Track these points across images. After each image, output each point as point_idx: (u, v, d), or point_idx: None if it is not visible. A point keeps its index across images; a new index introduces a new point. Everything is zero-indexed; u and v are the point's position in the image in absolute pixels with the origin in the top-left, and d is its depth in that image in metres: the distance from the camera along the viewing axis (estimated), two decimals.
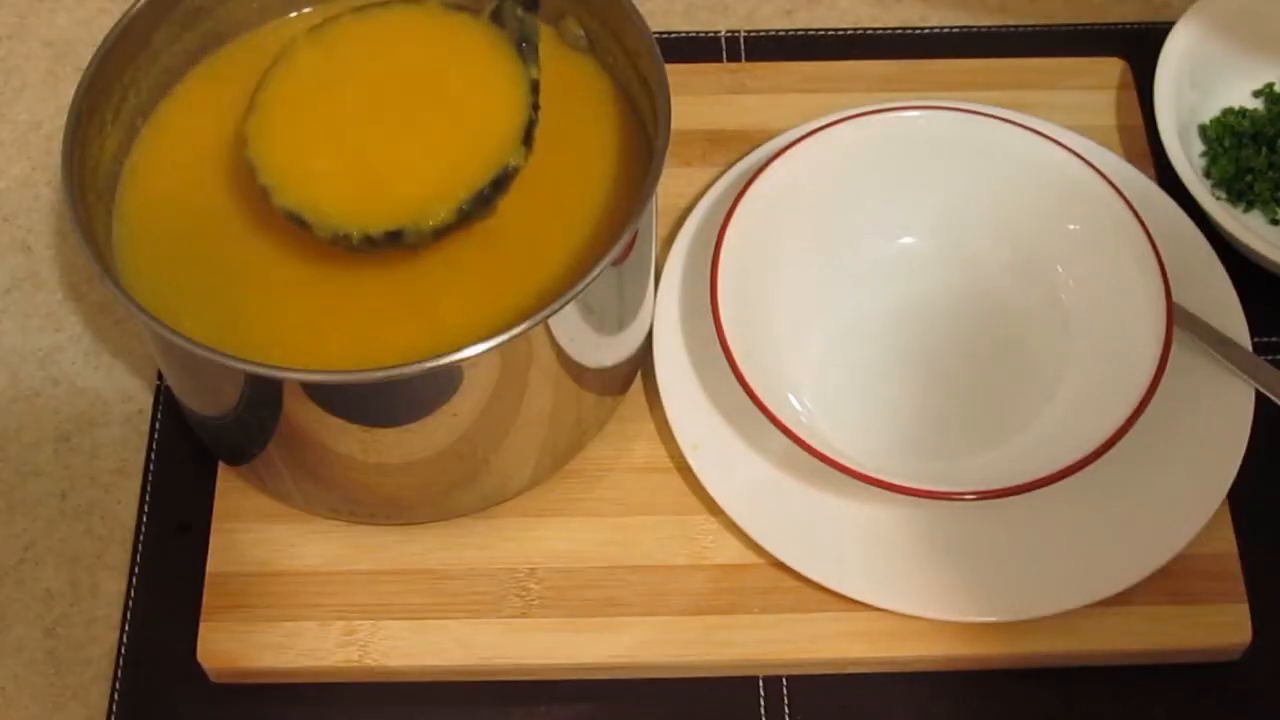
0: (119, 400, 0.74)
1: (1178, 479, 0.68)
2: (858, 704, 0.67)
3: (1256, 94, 0.81)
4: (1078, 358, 0.69)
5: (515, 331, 0.58)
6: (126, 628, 0.68)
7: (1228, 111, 0.79)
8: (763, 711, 0.66)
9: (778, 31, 0.85)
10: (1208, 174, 0.79)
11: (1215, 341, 0.70)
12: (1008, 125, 0.72)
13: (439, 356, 0.57)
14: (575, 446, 0.69)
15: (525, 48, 0.65)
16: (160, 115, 0.69)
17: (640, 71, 0.66)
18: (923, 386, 0.70)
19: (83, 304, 0.77)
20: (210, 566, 0.68)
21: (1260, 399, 0.69)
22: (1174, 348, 0.66)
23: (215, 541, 0.69)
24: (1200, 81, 0.79)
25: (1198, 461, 0.68)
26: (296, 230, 0.63)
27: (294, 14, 0.71)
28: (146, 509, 0.71)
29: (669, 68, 0.64)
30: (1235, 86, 0.81)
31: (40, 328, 0.76)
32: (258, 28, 0.71)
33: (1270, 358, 0.74)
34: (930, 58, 0.83)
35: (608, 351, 0.67)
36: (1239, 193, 0.78)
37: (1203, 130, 0.80)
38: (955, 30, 0.85)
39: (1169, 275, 0.67)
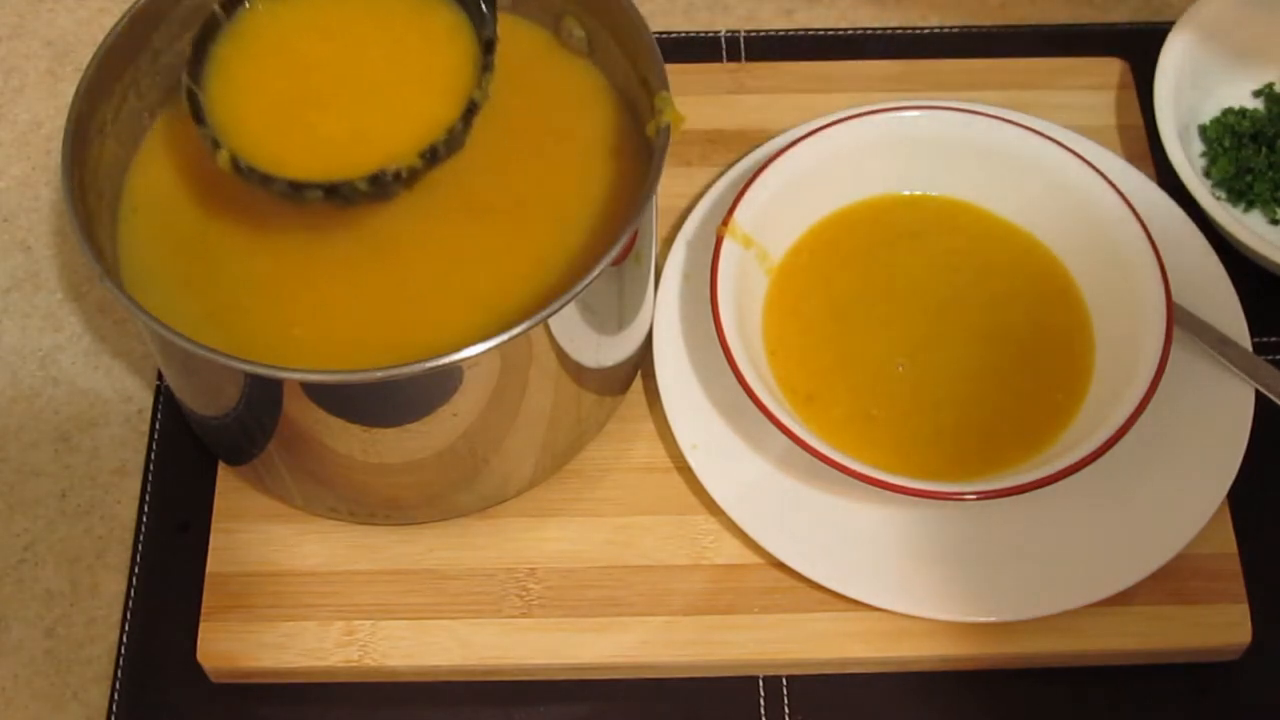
0: (119, 400, 0.74)
1: (1178, 479, 0.68)
2: (858, 704, 0.67)
3: (1256, 94, 0.81)
4: None
5: (515, 331, 0.58)
6: (126, 628, 0.68)
7: (1228, 111, 0.79)
8: (762, 711, 0.67)
9: (778, 31, 0.85)
10: (1208, 174, 0.79)
11: (1215, 341, 0.70)
12: (1008, 125, 0.72)
13: (439, 356, 0.57)
14: (575, 446, 0.69)
15: (485, 9, 0.65)
16: (170, 113, 0.69)
17: (640, 71, 0.66)
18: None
19: (83, 304, 0.77)
20: (210, 566, 0.68)
21: (1260, 399, 0.69)
22: (1174, 348, 0.66)
23: (215, 541, 0.69)
24: (1200, 81, 0.79)
25: (1198, 461, 0.68)
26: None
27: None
28: (146, 509, 0.71)
29: (669, 68, 0.64)
30: (1235, 86, 0.81)
31: (40, 328, 0.76)
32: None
33: (1270, 358, 0.74)
34: (930, 58, 0.83)
35: (608, 351, 0.67)
36: (1239, 193, 0.78)
37: (1203, 130, 0.80)
38: (955, 30, 0.85)
39: (1169, 275, 0.67)
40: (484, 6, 0.64)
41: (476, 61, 0.64)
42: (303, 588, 0.67)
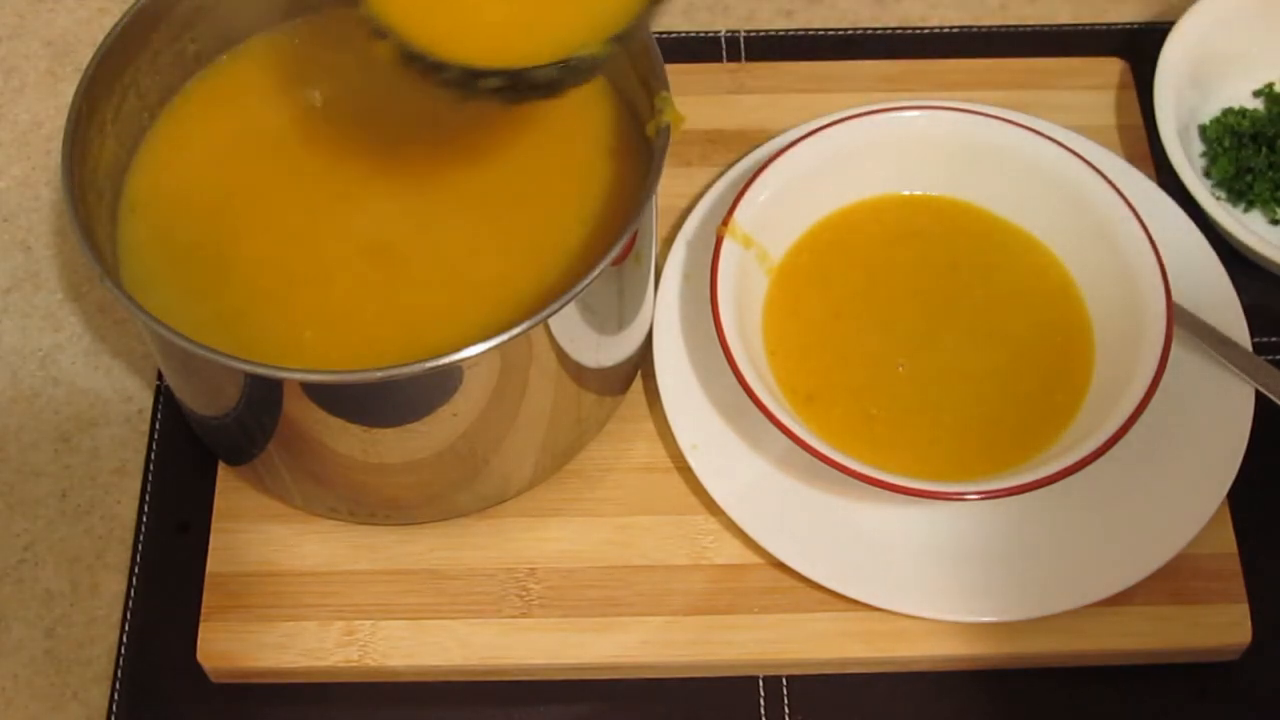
0: (119, 400, 0.74)
1: (1178, 479, 0.68)
2: (858, 704, 0.67)
3: (1256, 94, 0.81)
4: None
5: (515, 331, 0.58)
6: (126, 628, 0.68)
7: (1228, 111, 0.79)
8: (762, 711, 0.67)
9: (778, 31, 0.85)
10: (1208, 174, 0.79)
11: (1215, 341, 0.70)
12: (1008, 125, 0.72)
13: (439, 356, 0.57)
14: (575, 446, 0.69)
15: None
16: (170, 113, 0.69)
17: (640, 71, 0.66)
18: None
19: (83, 304, 0.77)
20: (210, 566, 0.68)
21: (1260, 399, 0.69)
22: (1174, 348, 0.66)
23: (215, 541, 0.69)
24: (1200, 81, 0.79)
25: (1198, 461, 0.68)
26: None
27: (297, 18, 0.71)
28: (146, 509, 0.71)
29: (669, 68, 0.64)
30: (1235, 86, 0.81)
31: (40, 328, 0.76)
32: (261, 29, 0.71)
33: (1270, 358, 0.74)
34: (930, 58, 0.83)
35: (608, 351, 0.67)
36: (1239, 193, 0.78)
37: (1203, 130, 0.80)
38: (955, 30, 0.85)
39: (1169, 275, 0.67)
40: None
41: None
42: (303, 588, 0.67)
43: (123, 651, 0.68)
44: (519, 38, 0.56)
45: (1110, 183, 0.70)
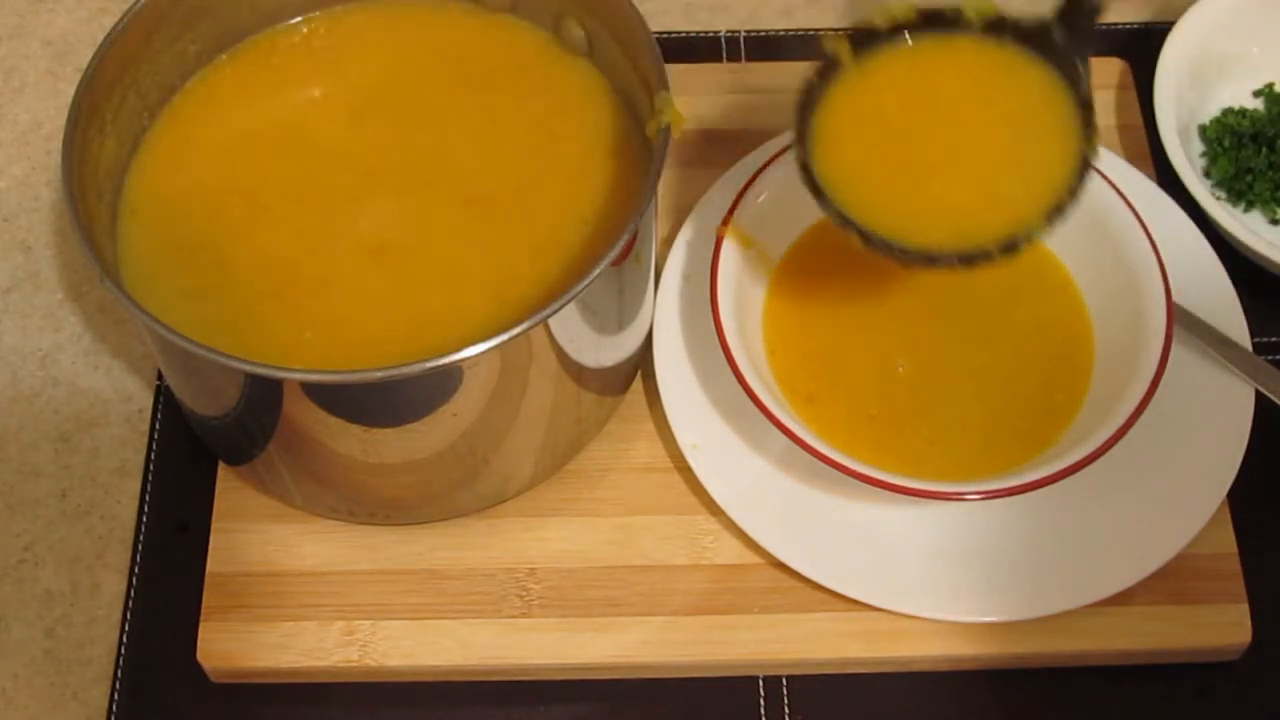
0: (119, 400, 0.74)
1: (1178, 479, 0.68)
2: (858, 704, 0.67)
3: (1256, 94, 0.81)
4: None
5: (515, 331, 0.58)
6: (126, 628, 0.68)
7: (1228, 111, 0.79)
8: (762, 711, 0.67)
9: (778, 31, 0.85)
10: (1208, 174, 0.79)
11: (1215, 341, 0.70)
12: None
13: (439, 356, 0.57)
14: (575, 446, 0.69)
15: (1080, 68, 0.63)
16: (170, 113, 0.69)
17: (640, 71, 0.66)
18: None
19: (83, 304, 0.77)
20: (210, 566, 0.68)
21: (1260, 399, 0.69)
22: (1174, 348, 0.66)
23: (215, 541, 0.69)
24: (1200, 81, 0.79)
25: (1198, 461, 0.68)
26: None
27: (298, 18, 0.71)
28: (146, 509, 0.71)
29: (669, 68, 0.64)
30: (1235, 86, 0.81)
31: (40, 328, 0.76)
32: (261, 30, 0.71)
33: (1270, 358, 0.74)
34: None
35: (608, 351, 0.67)
36: (1239, 193, 0.78)
37: (1203, 130, 0.80)
38: None
39: (1169, 275, 0.67)
40: (1079, 66, 0.62)
41: (1072, 116, 0.63)
42: (303, 588, 0.67)
43: (123, 651, 0.68)
44: (972, 221, 0.62)
45: (1110, 183, 0.70)
